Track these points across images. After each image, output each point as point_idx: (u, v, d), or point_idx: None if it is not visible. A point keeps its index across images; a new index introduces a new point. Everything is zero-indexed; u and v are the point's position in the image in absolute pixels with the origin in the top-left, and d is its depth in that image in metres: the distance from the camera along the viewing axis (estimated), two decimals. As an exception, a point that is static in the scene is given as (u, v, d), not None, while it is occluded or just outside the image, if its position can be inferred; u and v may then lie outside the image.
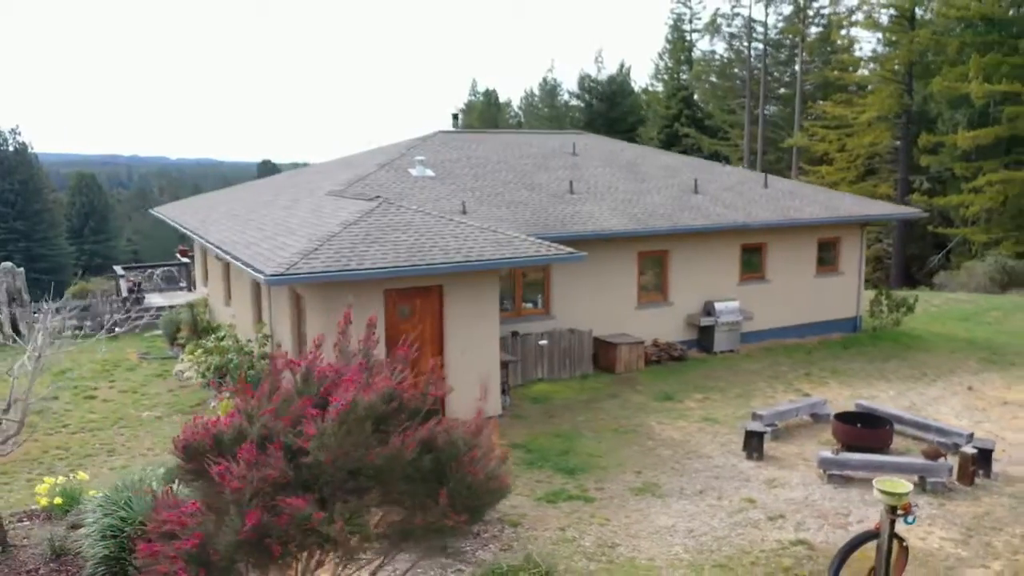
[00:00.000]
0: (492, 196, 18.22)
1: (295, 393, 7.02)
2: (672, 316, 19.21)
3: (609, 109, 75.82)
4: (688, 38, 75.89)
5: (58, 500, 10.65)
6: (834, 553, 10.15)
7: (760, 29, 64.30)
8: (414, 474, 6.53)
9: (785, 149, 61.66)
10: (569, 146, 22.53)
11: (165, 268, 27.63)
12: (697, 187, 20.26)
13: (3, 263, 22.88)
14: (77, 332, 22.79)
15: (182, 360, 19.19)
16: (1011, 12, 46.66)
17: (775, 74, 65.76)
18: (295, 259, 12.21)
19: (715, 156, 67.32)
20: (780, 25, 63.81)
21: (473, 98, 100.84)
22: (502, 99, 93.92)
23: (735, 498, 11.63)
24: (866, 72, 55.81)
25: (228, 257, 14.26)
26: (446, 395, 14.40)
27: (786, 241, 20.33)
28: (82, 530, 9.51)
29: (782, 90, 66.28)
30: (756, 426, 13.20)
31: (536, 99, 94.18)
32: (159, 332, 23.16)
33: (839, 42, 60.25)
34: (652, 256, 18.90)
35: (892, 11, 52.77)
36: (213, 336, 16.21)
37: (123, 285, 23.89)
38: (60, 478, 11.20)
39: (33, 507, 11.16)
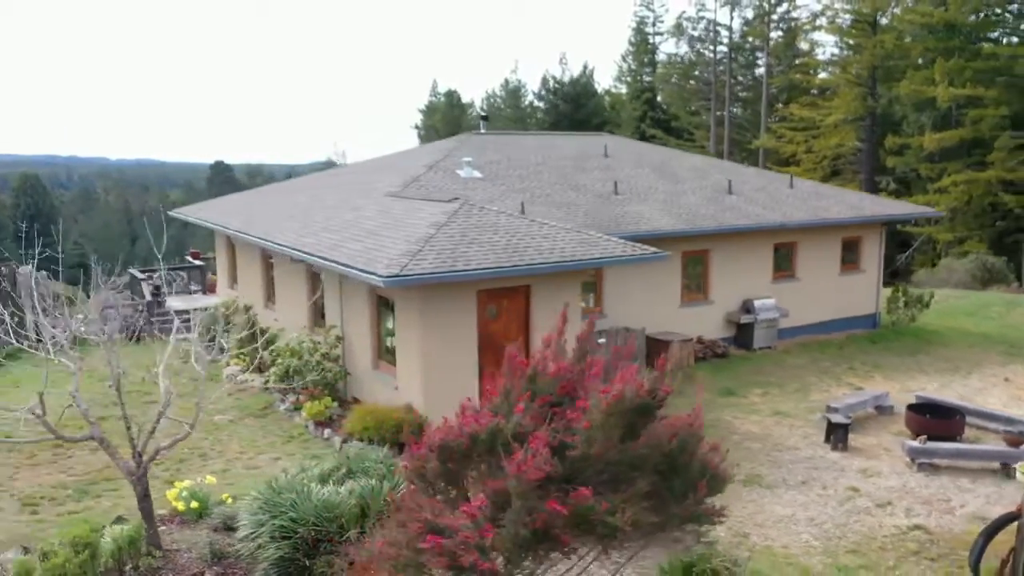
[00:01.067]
0: (542, 197, 18.46)
1: (524, 391, 7.21)
2: (712, 314, 19.71)
3: (574, 111, 76.44)
4: (651, 41, 76.97)
5: (195, 504, 10.59)
6: (950, 537, 10.73)
7: (725, 32, 65.64)
8: (660, 465, 6.78)
9: (752, 150, 63.02)
10: (599, 148, 22.89)
11: (176, 272, 27.18)
12: (731, 188, 20.80)
13: (14, 266, 22.27)
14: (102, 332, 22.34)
15: (229, 363, 19.02)
16: (971, 19, 48.56)
17: (740, 77, 67.17)
18: (404, 260, 12.31)
19: (681, 157, 68.42)
20: (744, 29, 65.20)
21: (434, 99, 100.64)
22: (464, 100, 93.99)
23: (838, 487, 12.11)
24: (829, 75, 57.39)
25: (315, 260, 14.24)
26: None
27: (814, 240, 21.00)
28: (241, 532, 9.50)
29: (746, 93, 67.74)
30: (839, 418, 13.72)
31: (499, 100, 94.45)
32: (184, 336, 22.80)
33: (803, 46, 61.98)
34: (695, 255, 19.36)
35: (855, 17, 54.52)
36: (280, 340, 16.12)
37: (146, 289, 23.44)
38: (186, 482, 11.12)
39: (160, 512, 11.05)
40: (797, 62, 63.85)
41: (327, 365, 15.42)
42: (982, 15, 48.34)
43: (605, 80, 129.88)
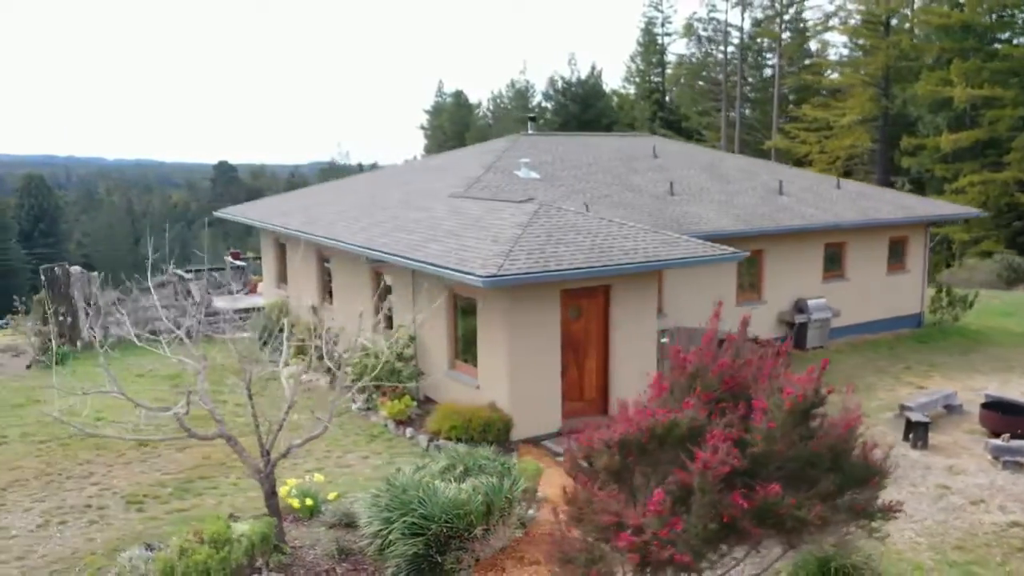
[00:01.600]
0: (601, 197, 18.61)
1: (688, 387, 7.36)
2: (766, 314, 19.87)
3: (583, 111, 76.57)
4: (660, 41, 77.19)
5: (309, 502, 10.72)
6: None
7: (736, 33, 65.90)
8: (828, 461, 6.94)
9: (764, 151, 63.23)
10: (646, 148, 23.05)
11: (217, 272, 27.25)
12: (782, 188, 20.98)
13: (68, 267, 22.32)
14: (151, 336, 22.42)
15: (287, 363, 19.09)
16: (986, 20, 48.90)
17: (750, 78, 67.41)
18: (498, 260, 12.44)
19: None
20: (755, 30, 65.46)
21: (440, 100, 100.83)
22: (469, 101, 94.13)
23: (928, 485, 12.29)
24: (840, 76, 57.62)
25: (397, 260, 14.36)
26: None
27: (863, 240, 21.19)
28: (368, 529, 9.64)
29: (756, 94, 68.01)
30: (918, 416, 13.91)
31: (505, 101, 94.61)
32: (243, 335, 22.92)
33: (814, 47, 62.31)
34: (750, 256, 19.51)
35: (867, 18, 54.83)
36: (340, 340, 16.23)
37: (195, 289, 23.53)
38: (294, 480, 11.24)
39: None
40: (807, 63, 64.23)
41: (398, 365, 15.54)
42: (996, 16, 48.57)
43: (613, 81, 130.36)
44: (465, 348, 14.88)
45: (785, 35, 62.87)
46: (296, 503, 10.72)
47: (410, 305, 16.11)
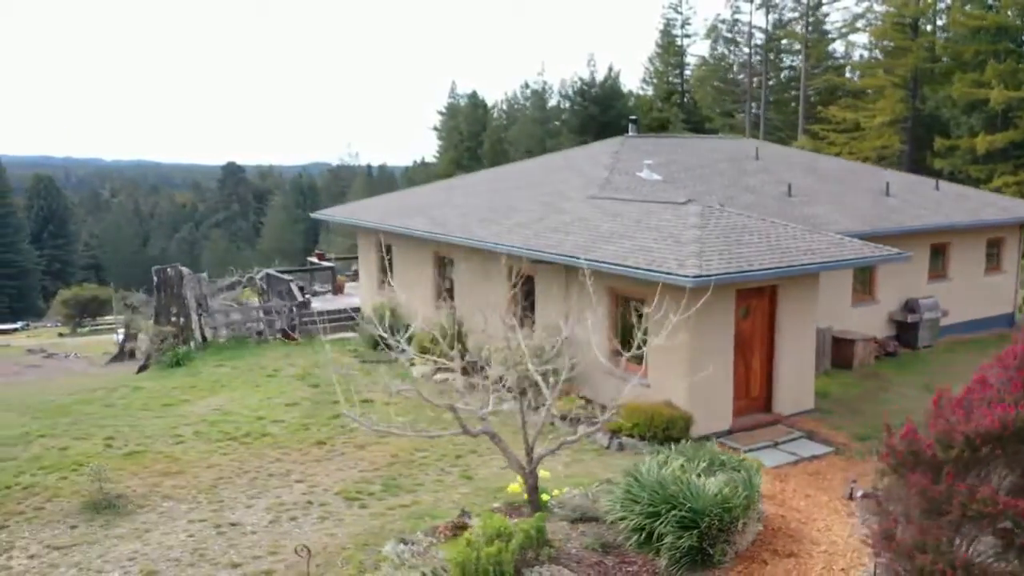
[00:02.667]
0: (725, 199, 18.91)
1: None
2: (878, 313, 20.29)
3: (602, 112, 76.88)
4: (679, 43, 77.69)
5: (545, 496, 11.00)
6: None
7: (760, 35, 66.47)
8: None
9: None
10: (747, 151, 23.46)
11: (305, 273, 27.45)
12: (888, 190, 21.41)
13: (180, 268, 22.50)
14: (259, 336, 22.72)
15: (413, 364, 19.37)
16: (1019, 22, 49.60)
17: (772, 81, 67.95)
18: (693, 260, 12.78)
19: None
20: (780, 31, 66.05)
21: (453, 101, 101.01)
22: (485, 102, 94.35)
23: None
24: (867, 77, 58.19)
25: (574, 262, 14.61)
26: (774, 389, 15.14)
27: (965, 241, 21.65)
28: (628, 523, 9.94)
29: (780, 95, 68.59)
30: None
31: (520, 102, 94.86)
32: (341, 336, 23.21)
33: (840, 48, 62.96)
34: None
35: (897, 19, 55.47)
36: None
37: (295, 289, 23.76)
38: (544, 473, 11.47)
39: (494, 504, 11.47)
40: (833, 64, 64.88)
41: (554, 362, 15.81)
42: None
43: (630, 82, 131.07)
44: (625, 346, 15.17)
45: (811, 36, 63.47)
46: (545, 496, 10.99)
47: (554, 304, 16.41)
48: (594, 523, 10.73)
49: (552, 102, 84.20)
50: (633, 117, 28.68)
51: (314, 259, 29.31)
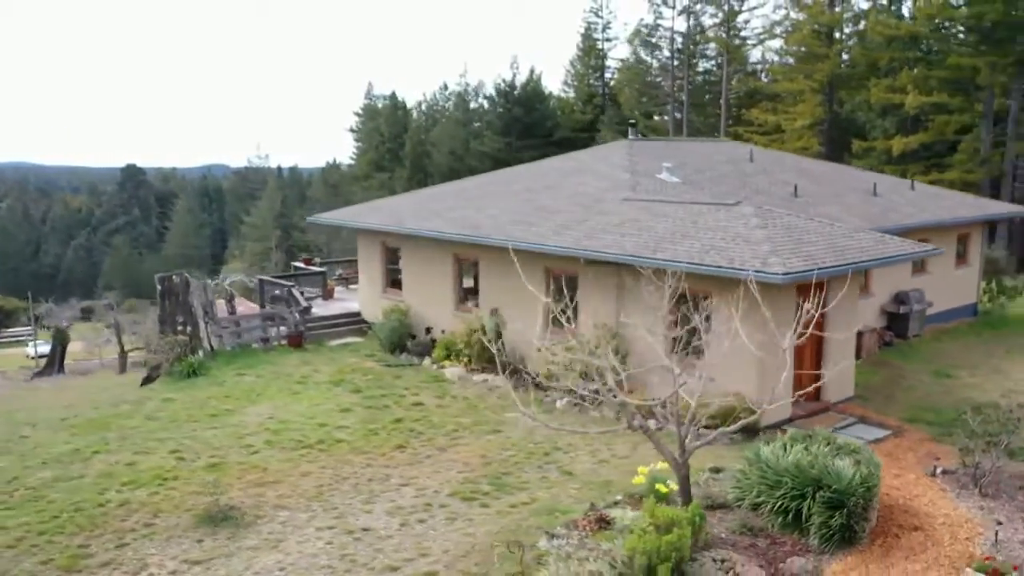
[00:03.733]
0: (741, 200, 19.84)
1: None
2: (872, 306, 21.61)
3: (526, 114, 77.77)
4: (600, 46, 79.44)
5: (673, 486, 11.47)
6: None
7: (681, 39, 68.59)
8: None
9: (713, 153, 66.13)
10: (742, 153, 24.53)
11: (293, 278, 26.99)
12: (875, 190, 22.83)
13: (186, 275, 21.89)
14: (265, 343, 22.43)
15: (442, 364, 19.61)
16: (927, 31, 53.06)
17: (695, 82, 70.24)
18: (774, 259, 13.52)
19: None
20: (701, 36, 68.43)
21: (370, 101, 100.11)
22: (405, 103, 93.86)
23: None
24: (786, 81, 61.01)
25: (637, 261, 15.12)
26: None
27: (942, 237, 23.22)
28: (769, 506, 10.56)
29: (700, 98, 70.99)
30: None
31: (439, 103, 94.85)
32: (345, 341, 23.08)
33: (760, 54, 65.77)
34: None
35: (813, 28, 58.47)
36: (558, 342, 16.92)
37: (296, 294, 23.39)
38: (645, 468, 11.92)
39: (616, 497, 11.88)
40: (749, 68, 67.74)
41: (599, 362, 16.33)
42: (937, 28, 52.74)
43: (552, 84, 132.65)
44: (684, 343, 15.79)
45: (731, 41, 66.01)
46: (664, 488, 11.46)
47: (603, 304, 16.94)
48: (723, 509, 11.32)
49: (475, 104, 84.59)
50: (632, 121, 29.38)
51: (300, 264, 28.82)
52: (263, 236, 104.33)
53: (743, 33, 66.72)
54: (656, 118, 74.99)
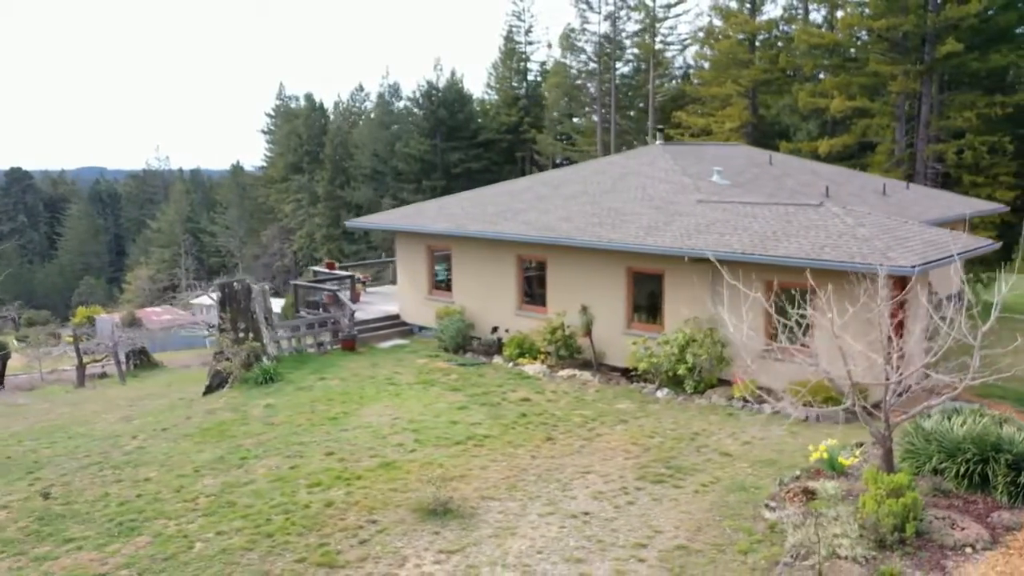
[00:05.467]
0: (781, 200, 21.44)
1: None
2: (890, 295, 23.68)
3: (450, 116, 78.43)
4: (523, 50, 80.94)
5: (851, 459, 12.78)
6: None
7: (608, 44, 70.77)
8: None
9: (643, 154, 68.64)
10: (761, 157, 26.23)
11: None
12: (885, 190, 24.96)
13: (247, 282, 21.77)
14: (319, 347, 22.67)
15: (518, 361, 20.40)
16: (850, 39, 56.97)
17: (624, 85, 72.61)
18: (898, 254, 15.05)
19: (568, 162, 73.25)
20: (626, 40, 70.87)
21: (282, 102, 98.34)
22: (319, 104, 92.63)
23: None
24: (713, 86, 64.12)
25: (775, 261, 16.22)
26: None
27: (940, 232, 25.67)
28: (952, 470, 11.99)
29: (628, 101, 73.43)
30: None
31: (356, 104, 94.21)
32: (394, 343, 23.47)
33: (687, 59, 68.72)
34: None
35: (738, 35, 61.77)
36: (662, 337, 18.03)
37: (343, 297, 23.55)
38: (824, 446, 13.11)
39: (796, 472, 13.04)
40: (675, 72, 70.73)
41: (708, 352, 17.58)
42: (861, 37, 56.73)
43: (475, 87, 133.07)
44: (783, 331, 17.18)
45: (657, 46, 68.70)
46: (845, 461, 12.75)
47: (695, 300, 18.16)
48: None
49: (399, 105, 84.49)
50: (660, 127, 30.62)
51: (320, 268, 28.76)
52: (171, 242, 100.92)
53: (669, 39, 69.52)
54: (577, 119, 77.07)
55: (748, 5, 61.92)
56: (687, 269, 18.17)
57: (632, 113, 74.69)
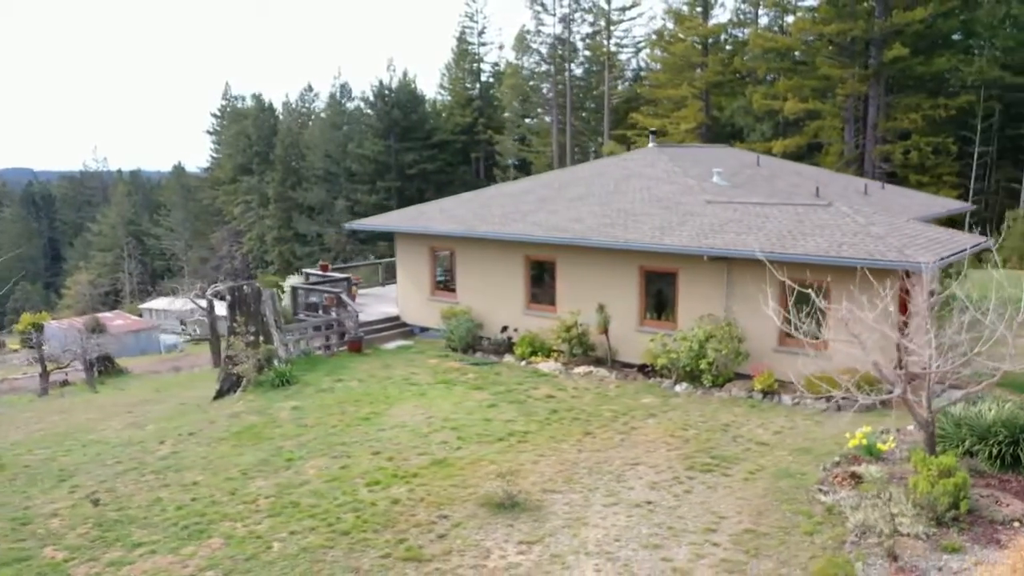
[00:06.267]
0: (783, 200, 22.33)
1: None
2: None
3: (404, 117, 78.33)
4: (476, 51, 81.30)
5: (885, 445, 13.54)
6: None
7: (562, 46, 71.59)
8: None
9: (598, 154, 69.70)
10: (749, 159, 27.10)
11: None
12: (867, 190, 26.10)
13: (257, 285, 21.73)
14: (327, 349, 22.81)
15: (532, 360, 20.83)
16: (804, 44, 58.83)
17: (578, 86, 73.49)
18: (915, 251, 15.95)
19: (523, 162, 73.91)
20: (583, 43, 71.83)
21: (227, 102, 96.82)
22: (268, 105, 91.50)
23: None
24: (671, 88, 65.45)
25: (800, 259, 16.91)
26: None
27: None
28: (985, 452, 12.84)
29: (583, 103, 74.40)
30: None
31: (306, 105, 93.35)
32: (398, 344, 23.69)
33: (641, 62, 69.98)
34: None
35: (691, 39, 63.23)
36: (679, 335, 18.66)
37: (346, 299, 23.63)
38: (861, 432, 13.84)
39: (835, 457, 13.75)
40: (630, 74, 71.93)
41: (728, 347, 18.25)
42: (812, 41, 58.62)
43: (428, 87, 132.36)
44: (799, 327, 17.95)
45: (612, 49, 69.81)
46: (883, 446, 13.52)
47: (710, 298, 18.87)
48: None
49: (351, 105, 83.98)
50: (653, 129, 31.25)
51: (313, 271, 28.67)
52: (113, 245, 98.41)
53: (624, 41, 70.65)
54: (530, 120, 77.73)
55: (699, 8, 63.31)
56: (702, 267, 18.85)
57: (585, 115, 75.66)
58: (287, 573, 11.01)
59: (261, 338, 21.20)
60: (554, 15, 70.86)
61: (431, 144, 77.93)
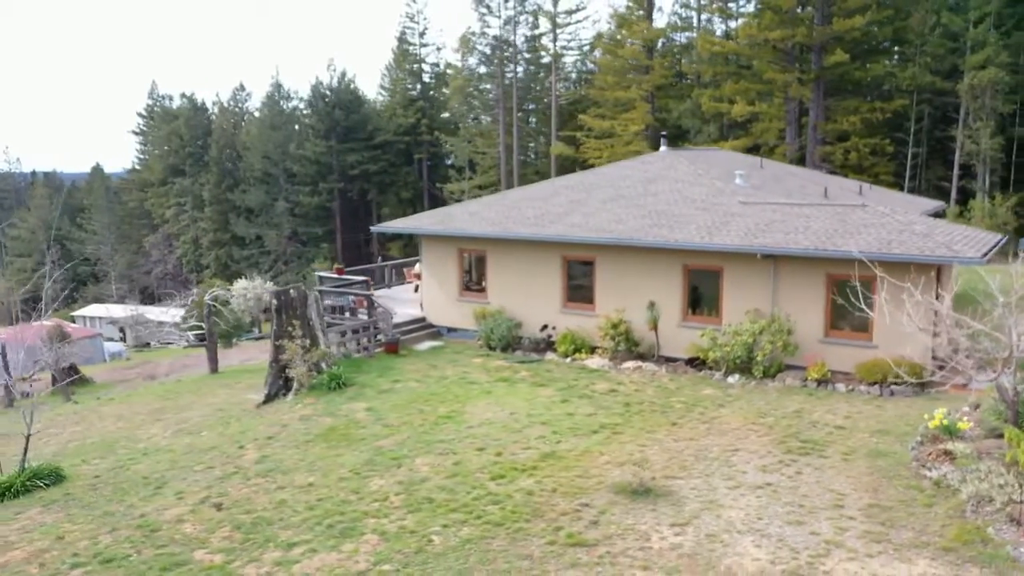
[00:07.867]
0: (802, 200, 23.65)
1: None
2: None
3: (346, 117, 77.85)
4: (416, 52, 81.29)
5: (962, 425, 14.78)
6: None
7: (508, 48, 72.31)
8: None
9: (547, 156, 70.80)
10: (751, 160, 28.44)
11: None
12: (861, 191, 27.76)
13: (303, 288, 21.73)
14: (365, 351, 23.13)
15: (576, 356, 21.56)
16: (751, 48, 61.14)
17: (523, 88, 74.30)
18: (963, 247, 17.36)
19: (470, 163, 74.46)
20: (528, 44, 72.67)
21: (153, 102, 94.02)
22: (200, 104, 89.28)
23: None
24: (619, 90, 66.97)
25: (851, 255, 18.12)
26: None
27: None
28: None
29: (531, 105, 75.29)
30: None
31: (237, 104, 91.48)
32: (431, 345, 24.05)
33: (589, 64, 71.29)
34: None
35: (637, 42, 64.94)
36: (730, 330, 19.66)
37: (377, 300, 23.84)
38: (940, 413, 15.04)
39: (918, 439, 14.91)
40: (576, 76, 73.22)
41: (780, 340, 19.35)
42: (757, 45, 60.98)
43: (368, 88, 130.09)
44: (839, 319, 19.23)
45: (559, 51, 70.95)
46: (963, 425, 14.76)
47: (756, 293, 19.96)
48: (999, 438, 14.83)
49: (288, 106, 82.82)
50: (663, 132, 32.14)
51: (327, 274, 28.59)
52: (32, 250, 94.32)
53: (570, 43, 71.89)
54: (474, 120, 78.20)
55: (641, 12, 64.95)
56: (748, 265, 19.91)
57: (533, 117, 76.67)
58: (462, 563, 11.43)
59: (307, 341, 21.27)
60: (499, 16, 71.48)
61: (373, 145, 77.60)
